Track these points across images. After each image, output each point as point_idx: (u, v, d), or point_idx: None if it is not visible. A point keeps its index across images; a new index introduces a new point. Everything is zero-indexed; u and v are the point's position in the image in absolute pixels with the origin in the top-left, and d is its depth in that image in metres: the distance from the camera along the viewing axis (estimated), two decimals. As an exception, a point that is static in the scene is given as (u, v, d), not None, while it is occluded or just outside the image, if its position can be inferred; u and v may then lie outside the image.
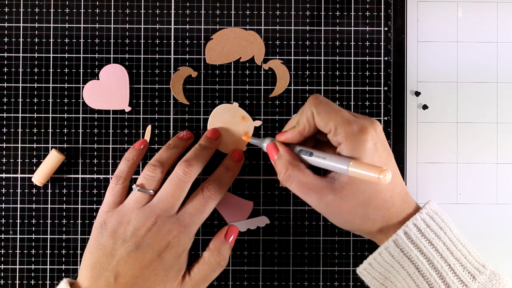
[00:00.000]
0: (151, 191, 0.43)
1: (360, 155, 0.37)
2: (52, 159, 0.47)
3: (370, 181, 0.37)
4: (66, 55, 0.49)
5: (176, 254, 0.41)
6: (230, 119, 0.48)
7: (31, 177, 0.48)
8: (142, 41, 0.49)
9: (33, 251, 0.48)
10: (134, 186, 0.43)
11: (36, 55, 0.49)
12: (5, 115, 0.49)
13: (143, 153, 0.47)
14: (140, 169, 0.49)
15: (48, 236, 0.48)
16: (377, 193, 0.38)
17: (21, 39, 0.49)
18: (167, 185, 0.43)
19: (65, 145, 0.49)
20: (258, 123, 0.49)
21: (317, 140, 0.43)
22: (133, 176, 0.47)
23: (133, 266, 0.40)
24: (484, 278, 0.37)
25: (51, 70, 0.49)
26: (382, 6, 0.49)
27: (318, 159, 0.39)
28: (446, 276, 0.37)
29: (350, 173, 0.37)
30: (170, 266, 0.41)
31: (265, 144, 0.43)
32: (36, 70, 0.49)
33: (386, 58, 0.49)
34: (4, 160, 0.48)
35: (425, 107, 0.50)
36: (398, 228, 0.38)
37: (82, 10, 0.49)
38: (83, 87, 0.49)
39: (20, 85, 0.49)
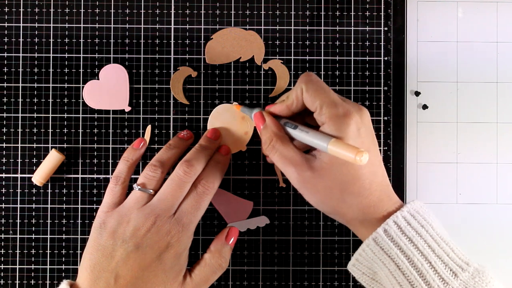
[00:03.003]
0: (151, 191, 0.43)
1: (342, 137, 0.38)
2: (52, 159, 0.47)
3: (350, 165, 0.38)
4: (66, 55, 0.49)
5: (175, 255, 0.41)
6: (230, 119, 0.48)
7: (31, 177, 0.48)
8: (142, 41, 0.49)
9: (33, 251, 0.48)
10: (135, 185, 0.43)
11: (36, 55, 0.49)
12: (5, 115, 0.49)
13: (142, 153, 0.47)
14: (140, 169, 0.49)
15: (48, 236, 0.48)
16: (356, 179, 0.39)
17: (21, 39, 0.49)
18: (167, 185, 0.43)
19: (65, 145, 0.49)
20: None
21: (306, 124, 0.43)
22: (132, 176, 0.47)
23: (133, 267, 0.40)
24: (467, 276, 0.37)
25: (51, 70, 0.49)
26: (382, 6, 0.49)
27: (301, 133, 0.40)
28: (426, 274, 0.37)
29: (329, 151, 0.37)
30: (170, 267, 0.41)
31: (253, 114, 0.44)
32: (36, 70, 0.49)
33: (386, 58, 0.49)
34: (4, 160, 0.48)
35: (425, 107, 0.50)
36: (379, 225, 0.39)
37: (82, 10, 0.49)
38: (83, 87, 0.49)
39: (20, 85, 0.49)
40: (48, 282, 0.48)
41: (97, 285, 0.40)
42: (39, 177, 0.47)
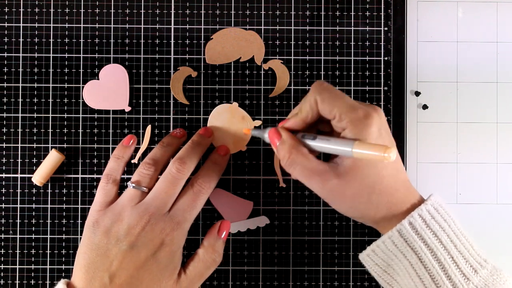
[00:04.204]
0: (145, 188, 0.43)
1: (364, 139, 0.37)
2: (52, 159, 0.47)
3: (373, 166, 0.37)
4: (66, 55, 0.49)
5: (170, 253, 0.41)
6: (230, 119, 0.49)
7: (31, 177, 0.48)
8: (142, 41, 0.49)
9: (33, 251, 0.48)
10: (128, 183, 0.43)
11: (36, 55, 0.49)
12: (5, 115, 0.49)
13: (132, 150, 0.47)
14: (133, 169, 0.49)
15: (48, 236, 0.48)
16: (381, 178, 0.38)
17: (21, 39, 0.49)
18: (161, 183, 0.43)
19: (65, 145, 0.49)
20: (258, 122, 0.49)
21: (318, 131, 0.43)
22: (126, 176, 0.47)
23: (128, 266, 0.40)
24: (486, 273, 0.37)
25: (51, 70, 0.49)
26: (382, 6, 0.49)
27: (322, 142, 0.39)
28: (448, 268, 0.37)
29: (355, 154, 0.36)
30: (165, 265, 0.41)
31: (266, 135, 0.42)
32: (36, 70, 0.49)
33: (386, 58, 0.49)
34: (4, 160, 0.48)
35: (425, 107, 0.50)
36: (403, 217, 0.38)
37: (82, 10, 0.49)
38: (83, 87, 0.49)
39: (20, 85, 0.49)
40: (48, 282, 0.48)
41: (92, 285, 0.40)
42: (39, 177, 0.47)
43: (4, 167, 0.48)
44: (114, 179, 0.44)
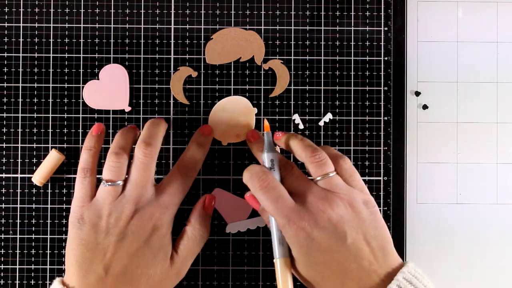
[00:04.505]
0: (120, 182, 0.42)
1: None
2: (52, 159, 0.47)
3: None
4: (66, 55, 0.49)
5: (161, 236, 0.42)
6: (233, 112, 0.48)
7: (31, 177, 0.48)
8: (142, 41, 0.49)
9: (33, 251, 0.48)
10: (103, 182, 0.42)
11: (36, 55, 0.49)
12: (5, 115, 0.49)
13: (103, 138, 0.45)
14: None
15: (48, 236, 0.48)
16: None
17: (21, 39, 0.49)
18: (133, 172, 0.42)
19: (65, 145, 0.49)
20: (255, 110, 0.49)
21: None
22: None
23: (121, 256, 0.40)
24: None
25: (51, 70, 0.49)
26: (382, 6, 0.49)
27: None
28: None
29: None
30: (158, 249, 0.42)
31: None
32: (36, 70, 0.49)
33: (386, 58, 0.49)
34: (4, 160, 0.48)
35: (425, 107, 0.50)
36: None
37: (82, 10, 0.49)
38: (83, 87, 0.49)
39: (20, 85, 0.49)
40: (48, 282, 0.48)
41: (87, 279, 0.40)
42: (39, 177, 0.47)
43: (4, 167, 0.48)
44: (90, 172, 0.43)
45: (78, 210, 0.42)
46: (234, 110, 0.49)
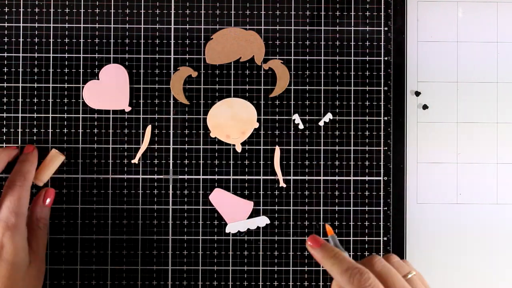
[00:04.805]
0: None
1: None
2: (52, 159, 0.47)
3: None
4: (66, 55, 0.49)
5: (16, 249, 0.42)
6: (233, 111, 0.48)
7: (31, 177, 0.48)
8: (142, 41, 0.49)
9: (33, 251, 0.48)
10: None
11: (36, 55, 0.49)
12: (5, 115, 0.49)
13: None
14: (133, 168, 0.49)
15: (48, 236, 0.48)
16: None
17: (21, 39, 0.49)
18: None
19: (65, 145, 0.49)
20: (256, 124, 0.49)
21: None
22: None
23: None
24: None
25: (51, 70, 0.49)
26: (382, 6, 0.49)
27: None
28: None
29: None
30: (18, 261, 0.42)
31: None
32: (36, 70, 0.49)
33: (386, 58, 0.49)
34: (4, 160, 0.48)
35: (425, 107, 0.50)
36: None
37: (82, 10, 0.49)
38: (83, 87, 0.49)
39: (20, 85, 0.49)
40: (48, 282, 0.48)
41: None
42: (39, 177, 0.47)
43: (4, 167, 0.48)
44: None
45: None
46: (234, 107, 0.49)
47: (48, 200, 0.47)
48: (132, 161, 0.48)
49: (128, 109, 0.49)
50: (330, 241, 0.39)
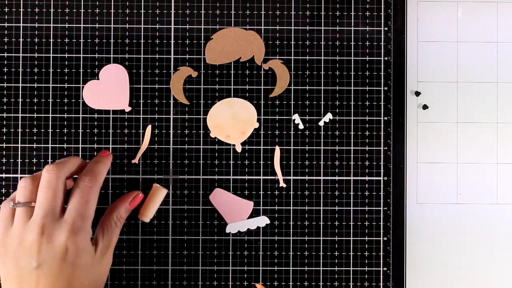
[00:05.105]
0: (29, 203, 0.41)
1: None
2: (155, 193, 0.47)
3: None
4: (66, 55, 0.49)
5: (79, 253, 0.41)
6: (233, 111, 0.49)
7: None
8: (142, 41, 0.49)
9: (33, 251, 0.48)
10: (11, 203, 0.42)
11: (36, 55, 0.49)
12: (5, 115, 0.49)
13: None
14: (133, 168, 0.49)
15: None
16: None
17: (21, 39, 0.49)
18: (39, 192, 0.41)
19: (65, 145, 0.49)
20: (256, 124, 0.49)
21: None
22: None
23: (46, 281, 0.39)
24: None
25: (51, 70, 0.49)
26: (382, 6, 0.49)
27: None
28: None
29: None
30: (81, 264, 0.41)
31: None
32: (36, 70, 0.49)
33: (386, 58, 0.49)
34: (4, 160, 0.48)
35: (425, 107, 0.50)
36: None
37: (82, 10, 0.49)
38: (83, 87, 0.49)
39: (20, 85, 0.49)
40: (48, 282, 0.48)
41: None
42: (144, 213, 0.47)
43: (4, 167, 0.48)
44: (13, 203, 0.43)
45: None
46: (234, 107, 0.49)
47: (133, 205, 0.46)
48: (132, 161, 0.48)
49: (128, 109, 0.49)
50: None
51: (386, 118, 0.49)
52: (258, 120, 0.49)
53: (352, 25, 0.49)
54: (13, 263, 0.40)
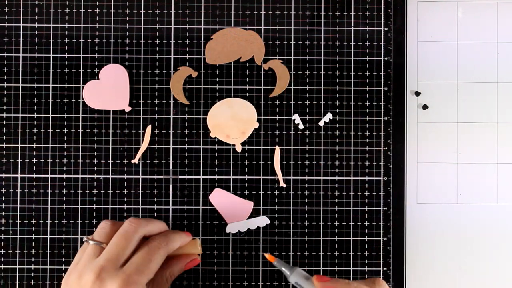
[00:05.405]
0: (103, 244, 0.42)
1: None
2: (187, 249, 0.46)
3: None
4: (66, 55, 0.49)
5: None
6: (233, 112, 0.49)
7: (32, 177, 0.48)
8: (142, 41, 0.49)
9: (33, 251, 0.48)
10: (85, 238, 0.42)
11: (36, 55, 0.49)
12: (5, 115, 0.49)
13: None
14: (133, 168, 0.49)
15: (48, 236, 0.48)
16: None
17: (21, 39, 0.49)
18: (114, 237, 0.42)
19: (65, 145, 0.49)
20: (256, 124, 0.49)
21: None
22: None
23: None
24: None
25: (51, 70, 0.49)
26: (382, 6, 0.49)
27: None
28: None
29: None
30: None
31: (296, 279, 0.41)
32: (36, 70, 0.49)
33: (386, 58, 0.49)
34: (4, 160, 0.48)
35: (425, 107, 0.50)
36: None
37: (82, 10, 0.49)
38: (83, 87, 0.49)
39: (20, 85, 0.49)
40: (48, 282, 0.48)
41: None
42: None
43: (4, 167, 0.48)
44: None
45: (67, 272, 0.42)
46: (234, 107, 0.49)
47: (189, 267, 0.46)
48: (132, 161, 0.48)
49: (128, 109, 0.49)
50: (278, 265, 0.42)
51: (386, 118, 0.49)
52: (258, 120, 0.49)
53: (352, 25, 0.49)
54: None
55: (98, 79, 0.49)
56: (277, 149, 0.49)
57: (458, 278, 0.50)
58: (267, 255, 0.43)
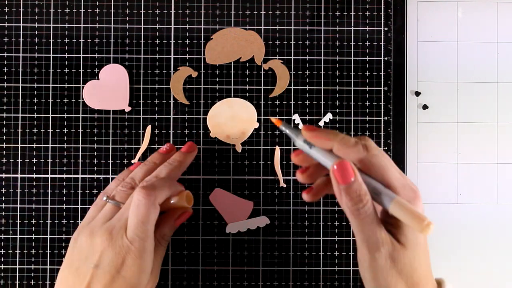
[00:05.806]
0: (121, 203, 0.42)
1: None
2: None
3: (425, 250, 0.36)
4: (66, 55, 0.49)
5: (135, 270, 0.39)
6: (233, 112, 0.49)
7: (32, 177, 0.48)
8: (142, 41, 0.49)
9: (33, 251, 0.48)
10: (104, 197, 0.42)
11: (36, 55, 0.49)
12: (5, 115, 0.49)
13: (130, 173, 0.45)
14: (140, 169, 0.49)
15: (48, 236, 0.48)
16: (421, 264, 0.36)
17: (21, 39, 0.49)
18: (133, 205, 0.40)
19: (65, 145, 0.49)
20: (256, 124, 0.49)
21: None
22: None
23: (96, 285, 0.39)
24: None
25: (51, 70, 0.49)
26: (382, 6, 0.49)
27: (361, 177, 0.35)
28: None
29: (392, 210, 0.34)
30: (133, 282, 0.39)
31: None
32: (36, 70, 0.49)
33: (386, 58, 0.49)
34: (4, 160, 0.48)
35: (425, 107, 0.50)
36: None
37: (82, 10, 0.49)
38: (83, 87, 0.49)
39: (20, 85, 0.49)
40: (48, 282, 0.48)
41: None
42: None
43: (4, 167, 0.48)
44: (107, 196, 0.43)
45: (78, 229, 0.42)
46: (234, 107, 0.49)
47: (180, 223, 0.44)
48: (132, 161, 0.48)
49: (128, 109, 0.49)
50: (284, 129, 0.38)
51: (386, 118, 0.49)
52: (258, 120, 0.49)
53: (352, 25, 0.49)
54: (78, 253, 0.40)
55: (98, 79, 0.49)
56: (277, 149, 0.49)
57: (458, 278, 0.50)
58: (273, 119, 0.40)
